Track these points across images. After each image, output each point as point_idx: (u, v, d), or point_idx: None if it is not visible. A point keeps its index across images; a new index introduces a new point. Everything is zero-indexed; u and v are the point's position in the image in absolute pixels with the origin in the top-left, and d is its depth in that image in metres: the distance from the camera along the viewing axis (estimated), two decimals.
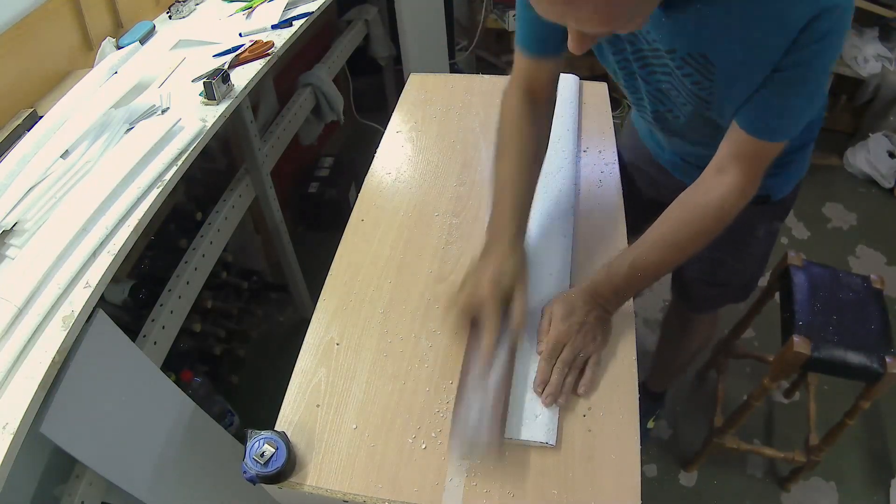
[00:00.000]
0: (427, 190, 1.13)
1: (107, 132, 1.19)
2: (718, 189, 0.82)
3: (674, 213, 0.85)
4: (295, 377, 0.84)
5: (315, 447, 0.76)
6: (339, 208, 2.30)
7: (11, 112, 1.27)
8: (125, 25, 1.60)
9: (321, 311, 0.92)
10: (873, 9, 2.31)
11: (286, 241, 1.89)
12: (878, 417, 1.78)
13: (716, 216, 0.82)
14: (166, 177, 1.13)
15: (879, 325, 1.33)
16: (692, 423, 1.78)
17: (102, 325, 0.97)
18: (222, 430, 1.29)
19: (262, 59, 1.48)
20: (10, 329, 0.86)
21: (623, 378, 0.82)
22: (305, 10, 1.69)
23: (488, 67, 3.05)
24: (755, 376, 1.87)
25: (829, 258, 2.23)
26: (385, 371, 0.84)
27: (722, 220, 0.82)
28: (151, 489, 1.04)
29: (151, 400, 1.09)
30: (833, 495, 1.62)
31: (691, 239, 0.84)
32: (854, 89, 2.61)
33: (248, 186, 1.65)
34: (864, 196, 2.54)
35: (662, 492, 1.65)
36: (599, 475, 0.72)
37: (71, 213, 1.02)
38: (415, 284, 0.95)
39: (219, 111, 1.30)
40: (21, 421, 0.77)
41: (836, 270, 1.44)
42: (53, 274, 0.94)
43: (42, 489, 0.94)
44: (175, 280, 1.34)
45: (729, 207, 0.82)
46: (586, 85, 1.38)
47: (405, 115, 1.32)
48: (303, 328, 0.89)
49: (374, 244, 1.02)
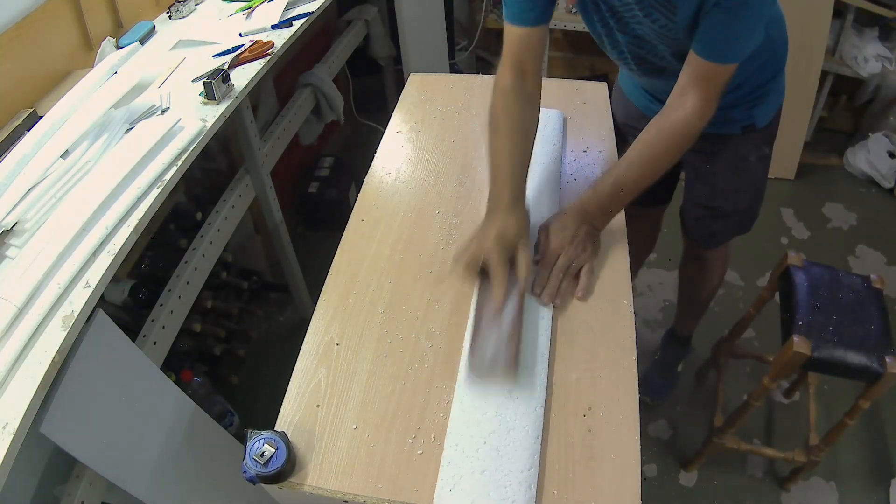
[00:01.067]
0: (427, 190, 1.13)
1: (107, 132, 1.19)
2: (681, 109, 0.94)
3: (646, 134, 0.97)
4: (295, 377, 0.84)
5: (315, 447, 0.76)
6: (339, 208, 2.30)
7: (11, 112, 1.27)
8: (125, 25, 1.60)
9: (321, 311, 0.92)
10: (873, 9, 2.31)
11: (286, 241, 1.89)
12: (878, 417, 1.78)
13: (682, 132, 0.95)
14: (166, 177, 1.13)
15: (879, 325, 1.33)
16: (692, 423, 1.78)
17: (102, 325, 0.97)
18: (222, 430, 1.29)
19: (262, 59, 1.48)
20: (10, 329, 0.87)
21: (623, 378, 0.82)
22: (305, 10, 1.69)
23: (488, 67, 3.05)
24: (755, 376, 1.87)
25: (829, 258, 2.23)
26: (385, 371, 0.84)
27: (686, 134, 0.95)
28: (151, 489, 1.04)
29: (151, 400, 1.09)
30: (833, 495, 1.62)
31: (663, 153, 0.96)
32: (854, 89, 2.61)
33: (248, 186, 1.65)
34: (864, 196, 2.54)
35: (662, 492, 1.65)
36: (599, 475, 0.72)
37: (71, 213, 1.02)
38: (415, 284, 0.95)
39: (219, 111, 1.30)
40: (21, 421, 0.77)
41: (836, 270, 1.44)
42: (53, 274, 0.94)
43: (42, 489, 0.94)
44: (175, 280, 1.34)
45: (691, 125, 0.94)
46: (586, 85, 1.38)
47: (405, 115, 1.32)
48: (303, 328, 0.89)
49: (374, 244, 1.02)
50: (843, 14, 2.39)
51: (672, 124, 0.95)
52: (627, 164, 0.97)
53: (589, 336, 0.87)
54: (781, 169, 2.57)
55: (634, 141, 0.98)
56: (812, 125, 2.65)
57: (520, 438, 0.75)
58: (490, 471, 0.72)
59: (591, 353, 0.85)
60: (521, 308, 0.88)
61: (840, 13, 2.37)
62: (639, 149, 0.97)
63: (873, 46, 2.42)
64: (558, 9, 2.67)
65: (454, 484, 0.71)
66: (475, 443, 0.75)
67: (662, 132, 0.96)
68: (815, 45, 2.28)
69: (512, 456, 0.73)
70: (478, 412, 0.78)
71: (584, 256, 0.94)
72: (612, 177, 0.97)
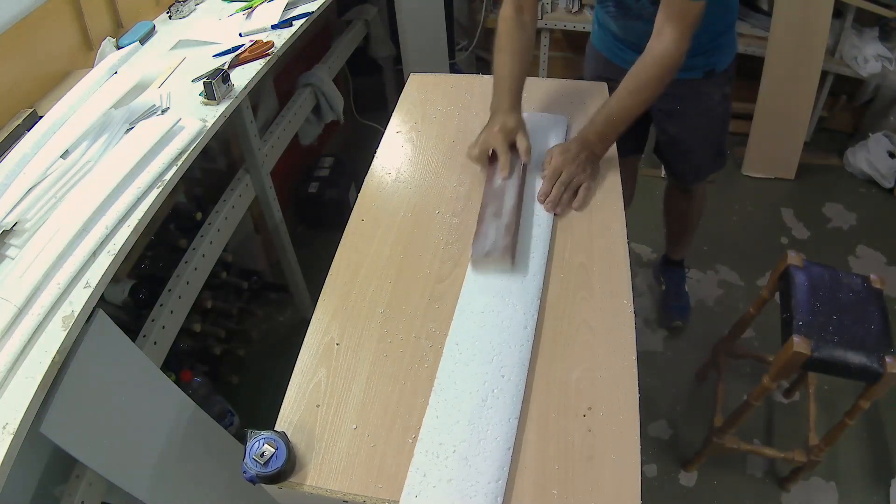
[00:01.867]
0: (427, 190, 1.13)
1: (107, 132, 1.19)
2: (659, 45, 1.09)
3: (632, 70, 1.12)
4: (295, 377, 0.84)
5: (315, 447, 0.76)
6: (339, 208, 2.30)
7: (11, 112, 1.27)
8: (125, 25, 1.60)
9: (321, 311, 0.92)
10: (873, 9, 2.31)
11: (286, 241, 1.89)
12: (878, 417, 1.78)
13: (663, 62, 1.09)
14: (166, 177, 1.13)
15: (879, 325, 1.33)
16: (692, 423, 1.78)
17: (102, 325, 0.97)
18: (222, 430, 1.29)
19: (262, 59, 1.48)
20: (10, 329, 0.87)
21: (623, 378, 0.82)
22: (305, 10, 1.69)
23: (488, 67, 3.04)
24: (755, 376, 1.87)
25: (829, 258, 2.23)
26: (385, 371, 0.84)
27: (667, 65, 1.09)
28: (151, 489, 1.04)
29: (151, 400, 1.09)
30: (833, 495, 1.62)
31: (648, 82, 1.10)
32: (854, 89, 2.61)
33: (248, 186, 1.65)
34: (864, 196, 2.54)
35: (662, 492, 1.64)
36: (599, 475, 0.72)
37: (71, 213, 1.02)
38: (415, 284, 0.95)
39: (219, 111, 1.30)
40: (21, 421, 0.77)
41: (836, 270, 1.44)
42: (53, 274, 0.94)
43: (42, 489, 0.94)
44: (175, 280, 1.34)
45: (670, 55, 1.08)
46: (586, 85, 1.38)
47: (405, 115, 1.32)
48: (303, 328, 0.89)
49: (374, 244, 1.02)
50: (843, 14, 2.39)
51: (653, 57, 1.09)
52: (617, 97, 1.12)
53: (589, 336, 0.87)
54: (781, 169, 2.57)
55: (624, 77, 1.12)
56: (812, 125, 2.65)
57: (490, 449, 0.74)
58: (457, 480, 0.72)
59: (591, 353, 0.85)
60: (520, 199, 1.05)
61: (840, 13, 2.37)
62: (627, 82, 1.12)
63: (873, 46, 2.42)
64: (558, 9, 2.68)
65: (420, 490, 0.71)
66: (445, 450, 0.74)
67: (646, 64, 1.10)
68: (815, 45, 2.28)
69: (480, 466, 0.72)
70: (450, 419, 0.77)
71: (583, 176, 1.09)
72: (605, 109, 1.13)
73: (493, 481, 0.71)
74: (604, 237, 1.02)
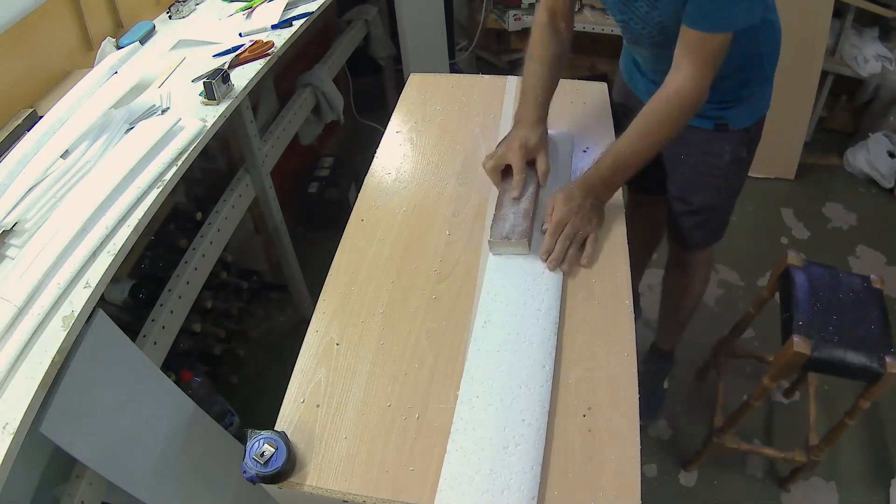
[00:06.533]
0: (427, 190, 1.13)
1: (107, 132, 1.19)
2: (676, 82, 0.99)
3: (645, 108, 1.02)
4: (295, 377, 0.84)
5: (315, 447, 0.76)
6: (339, 208, 2.30)
7: (11, 112, 1.27)
8: (125, 25, 1.60)
9: (321, 311, 0.92)
10: (873, 9, 2.31)
11: (286, 241, 1.89)
12: (878, 417, 1.78)
13: (677, 103, 0.99)
14: (166, 177, 1.13)
15: (879, 325, 1.33)
16: (692, 423, 1.78)
17: (102, 325, 0.97)
18: (222, 430, 1.29)
19: (262, 59, 1.48)
20: (10, 329, 0.87)
21: (623, 378, 0.82)
22: (305, 10, 1.69)
23: (488, 67, 3.05)
24: (755, 376, 1.87)
25: (829, 258, 2.23)
26: (385, 371, 0.84)
27: (680, 105, 0.99)
28: (151, 489, 1.04)
29: (151, 400, 1.09)
30: (833, 495, 1.62)
31: (660, 125, 1.00)
32: (854, 89, 2.61)
33: (248, 186, 1.65)
34: (864, 196, 2.54)
35: (662, 492, 1.64)
36: (599, 475, 0.72)
37: (71, 213, 1.02)
38: (415, 284, 0.95)
39: (219, 111, 1.30)
40: (21, 421, 0.77)
41: (836, 270, 1.44)
42: (53, 274, 0.94)
43: (42, 489, 0.94)
44: (175, 280, 1.34)
45: (685, 94, 0.98)
46: (586, 85, 1.38)
47: (405, 115, 1.32)
48: (303, 328, 0.89)
49: (374, 244, 1.02)
50: (843, 14, 2.39)
51: (668, 94, 1.00)
52: (626, 138, 1.02)
53: (589, 336, 0.87)
54: (781, 169, 2.57)
55: (636, 117, 1.02)
56: (812, 125, 2.65)
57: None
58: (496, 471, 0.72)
59: (591, 353, 0.85)
60: (537, 195, 1.03)
61: (840, 13, 2.37)
62: (637, 124, 1.01)
63: (873, 46, 2.42)
64: None
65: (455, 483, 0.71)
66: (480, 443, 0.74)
67: (660, 101, 1.00)
68: (815, 45, 2.28)
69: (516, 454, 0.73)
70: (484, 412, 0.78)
71: (589, 227, 0.99)
72: (613, 151, 1.03)
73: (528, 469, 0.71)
74: (604, 237, 1.02)
